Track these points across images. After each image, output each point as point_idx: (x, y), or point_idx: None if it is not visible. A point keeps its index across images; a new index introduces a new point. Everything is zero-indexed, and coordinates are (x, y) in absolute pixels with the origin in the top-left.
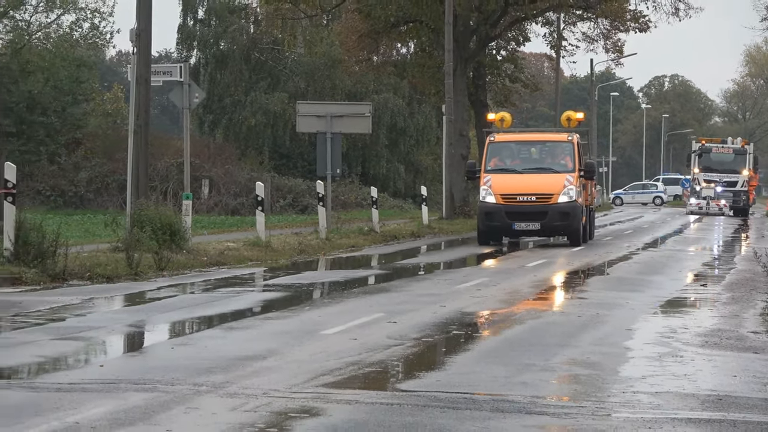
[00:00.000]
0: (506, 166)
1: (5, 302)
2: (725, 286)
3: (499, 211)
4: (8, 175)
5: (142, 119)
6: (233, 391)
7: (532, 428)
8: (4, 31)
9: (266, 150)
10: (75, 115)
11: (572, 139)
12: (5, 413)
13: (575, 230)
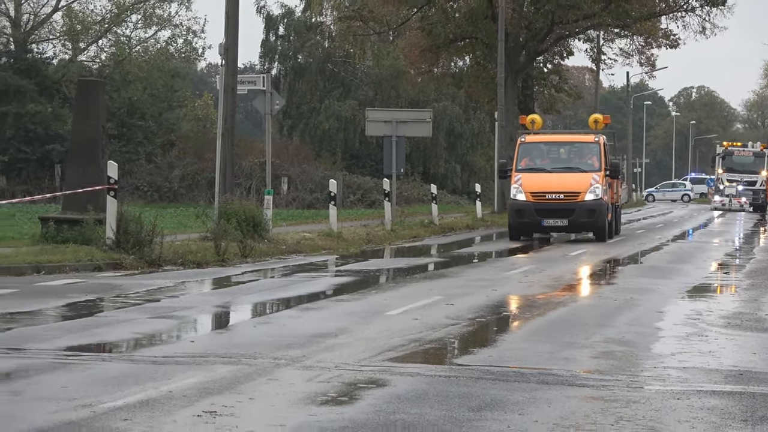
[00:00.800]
0: (536, 165)
1: (107, 285)
2: (745, 274)
3: (529, 208)
4: (111, 173)
5: (229, 123)
6: (309, 364)
7: (573, 398)
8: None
9: (338, 151)
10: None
11: (599, 140)
12: (108, 383)
13: (601, 227)
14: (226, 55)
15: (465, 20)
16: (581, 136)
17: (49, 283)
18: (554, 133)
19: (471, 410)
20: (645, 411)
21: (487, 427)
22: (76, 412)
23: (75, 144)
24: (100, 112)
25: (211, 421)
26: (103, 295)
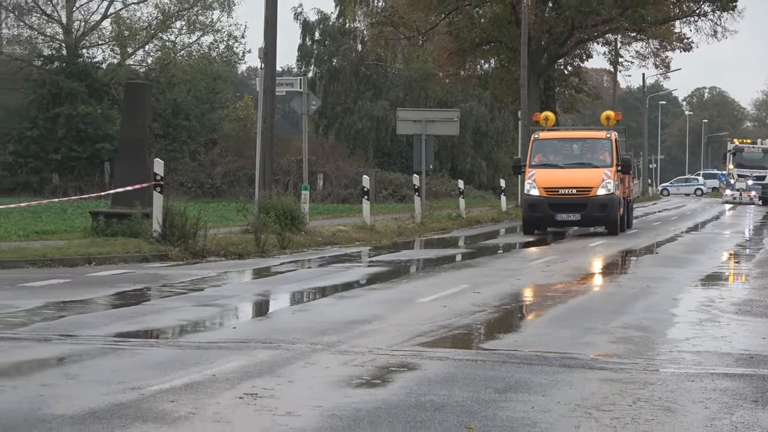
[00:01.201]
0: (549, 161)
1: (154, 275)
2: (755, 263)
3: (542, 203)
4: (157, 170)
5: (268, 123)
6: (344, 349)
7: (593, 381)
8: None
9: (371, 149)
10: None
11: (610, 136)
12: (155, 367)
13: (613, 221)
14: (265, 59)
15: (490, 25)
16: (593, 132)
17: (100, 273)
18: (567, 129)
19: (497, 392)
20: (661, 392)
21: (512, 408)
22: (126, 394)
23: (123, 143)
24: (146, 113)
25: (252, 402)
26: (150, 284)
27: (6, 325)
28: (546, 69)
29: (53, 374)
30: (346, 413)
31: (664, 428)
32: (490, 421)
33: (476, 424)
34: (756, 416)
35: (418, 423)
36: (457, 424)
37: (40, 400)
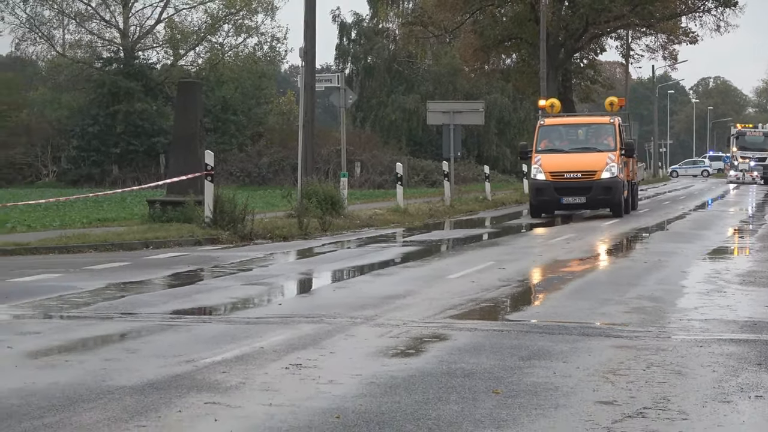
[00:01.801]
0: (555, 146)
1: (206, 257)
2: (758, 238)
3: (548, 187)
4: (208, 160)
5: (309, 116)
6: (380, 322)
7: (610, 347)
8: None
9: (404, 138)
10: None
11: (614, 121)
12: (208, 341)
13: (617, 203)
14: (306, 58)
15: (511, 23)
16: (597, 117)
17: (156, 256)
18: (572, 115)
19: (521, 359)
20: (672, 357)
21: (536, 374)
22: (181, 366)
23: (177, 137)
24: (197, 109)
25: (298, 372)
26: (202, 266)
27: (72, 305)
28: (563, 62)
29: (115, 349)
30: (383, 381)
31: (676, 390)
32: (516, 386)
33: (503, 389)
34: (760, 378)
35: (449, 389)
36: (485, 389)
37: (104, 372)
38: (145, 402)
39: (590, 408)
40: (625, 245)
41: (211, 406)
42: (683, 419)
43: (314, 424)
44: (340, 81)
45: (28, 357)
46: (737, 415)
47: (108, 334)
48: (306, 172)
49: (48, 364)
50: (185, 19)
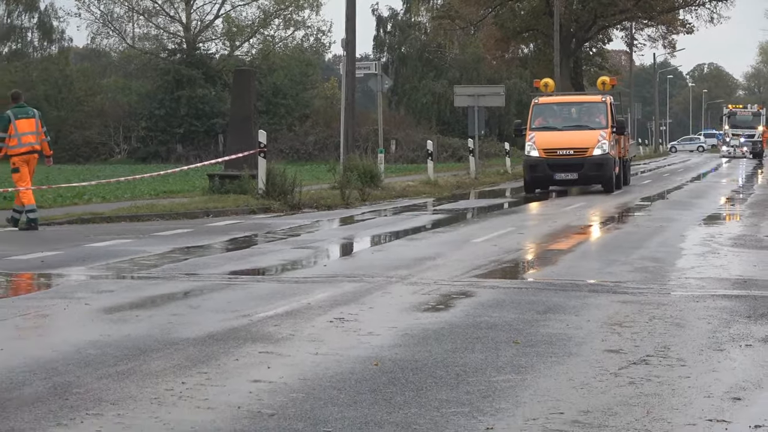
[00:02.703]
0: (548, 124)
1: (260, 224)
2: (747, 206)
3: (542, 164)
4: (261, 139)
5: (350, 100)
6: (413, 281)
7: (616, 302)
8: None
9: (433, 119)
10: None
11: (606, 100)
12: (261, 298)
13: (608, 179)
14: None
15: (528, 16)
16: (589, 96)
17: (216, 223)
18: (565, 94)
19: (538, 313)
20: (672, 311)
21: (551, 326)
22: (238, 320)
23: (233, 118)
24: (251, 94)
25: (341, 325)
26: (256, 232)
27: (141, 267)
28: (574, 51)
29: (180, 305)
30: (416, 332)
31: (675, 340)
32: (533, 337)
33: (522, 339)
34: (749, 329)
35: (474, 339)
36: (506, 340)
37: (170, 326)
38: (207, 352)
39: (599, 356)
40: (630, 212)
41: (264, 355)
42: (682, 365)
43: (356, 371)
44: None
45: (104, 312)
46: (730, 361)
47: (173, 292)
48: (347, 149)
49: (121, 318)
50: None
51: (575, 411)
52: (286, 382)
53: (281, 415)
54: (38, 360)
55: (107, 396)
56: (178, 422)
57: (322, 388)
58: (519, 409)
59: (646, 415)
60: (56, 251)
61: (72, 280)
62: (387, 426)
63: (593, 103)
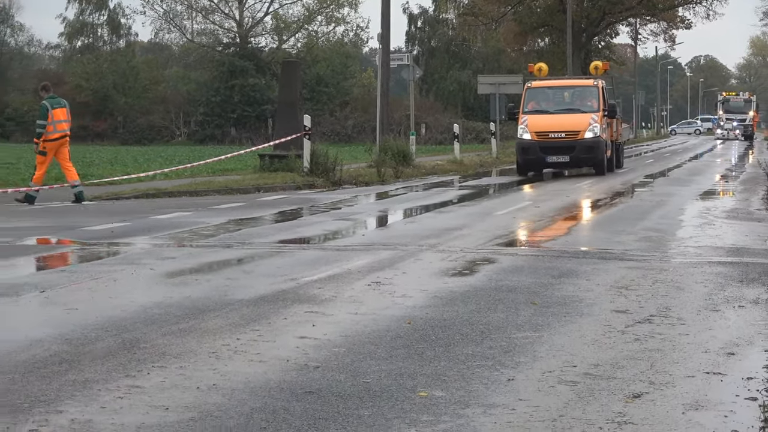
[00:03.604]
0: (541, 108)
1: (305, 199)
2: (739, 182)
3: (534, 147)
4: (306, 123)
5: (385, 88)
6: (442, 248)
7: (623, 268)
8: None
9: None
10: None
11: (597, 84)
12: (307, 263)
13: (600, 161)
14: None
15: (544, 13)
16: (581, 80)
17: (266, 198)
18: (557, 78)
19: (553, 277)
20: (672, 276)
21: (565, 289)
22: (286, 283)
23: (281, 105)
24: (297, 83)
25: (377, 288)
26: (302, 205)
27: (200, 236)
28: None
29: (234, 271)
30: (444, 294)
31: (675, 302)
32: (549, 299)
33: (539, 301)
34: (741, 291)
35: (496, 301)
36: (525, 301)
37: (226, 289)
38: (258, 311)
39: (608, 315)
40: (635, 188)
41: (309, 315)
42: (681, 324)
43: (391, 328)
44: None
45: (167, 277)
46: (724, 320)
47: (228, 258)
48: (383, 132)
49: (182, 282)
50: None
51: (587, 364)
52: (329, 338)
53: (325, 368)
54: (109, 319)
55: (170, 350)
56: (233, 374)
57: (362, 344)
58: (536, 362)
59: (650, 368)
60: (124, 222)
61: (138, 248)
62: (419, 377)
63: (585, 87)
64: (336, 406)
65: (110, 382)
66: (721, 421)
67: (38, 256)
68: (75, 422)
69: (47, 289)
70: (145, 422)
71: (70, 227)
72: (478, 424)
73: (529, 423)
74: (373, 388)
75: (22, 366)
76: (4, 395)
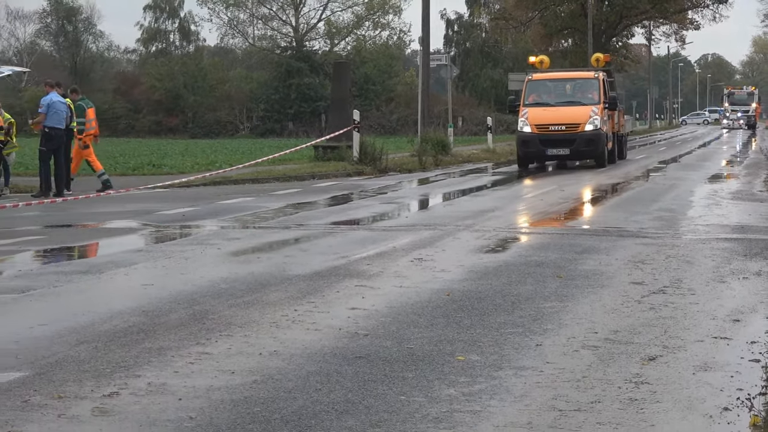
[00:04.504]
0: (541, 100)
1: (355, 185)
2: (743, 167)
3: (534, 139)
4: (355, 117)
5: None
6: (477, 228)
7: (639, 245)
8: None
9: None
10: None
11: (598, 76)
12: (356, 242)
13: (600, 154)
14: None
15: (567, 17)
16: (582, 72)
17: (320, 184)
18: (558, 71)
19: (576, 253)
20: (683, 251)
21: (587, 263)
22: (337, 260)
23: (333, 101)
24: (347, 82)
25: (419, 264)
26: (352, 191)
27: (262, 219)
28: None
29: (292, 249)
30: (479, 269)
31: (686, 274)
32: (573, 272)
33: (564, 274)
34: (745, 264)
35: (526, 274)
36: (551, 275)
37: (284, 265)
38: (313, 285)
39: (626, 287)
40: (650, 172)
41: (359, 288)
42: (691, 294)
43: (432, 299)
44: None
45: (232, 255)
46: (730, 291)
47: (287, 239)
48: (423, 125)
49: (245, 260)
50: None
51: (607, 330)
52: (377, 309)
53: (373, 335)
54: (181, 293)
55: (235, 321)
56: (292, 341)
57: (405, 314)
58: (562, 329)
59: (663, 333)
60: (194, 207)
61: (206, 229)
62: (457, 343)
63: (586, 79)
64: (383, 369)
65: (182, 349)
66: (727, 380)
67: (119, 238)
68: (151, 385)
69: (127, 266)
70: (213, 385)
71: (147, 212)
72: (510, 385)
73: (556, 383)
74: (416, 353)
75: (104, 335)
76: (89, 362)
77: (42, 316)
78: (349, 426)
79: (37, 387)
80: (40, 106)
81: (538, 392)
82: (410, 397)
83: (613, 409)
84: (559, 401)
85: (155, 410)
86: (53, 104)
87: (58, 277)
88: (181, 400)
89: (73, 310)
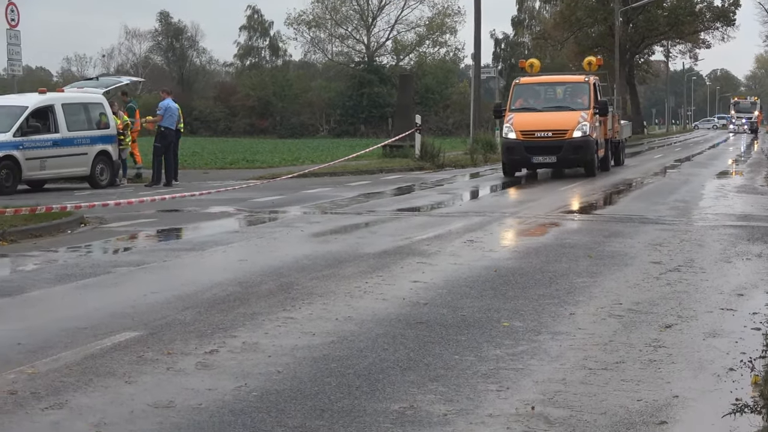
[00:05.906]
0: (529, 105)
1: (416, 178)
2: (747, 165)
3: (519, 146)
4: (417, 121)
5: (477, 94)
6: (519, 215)
7: (657, 230)
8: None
9: None
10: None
11: (589, 80)
12: (417, 226)
13: (589, 161)
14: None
15: (598, 37)
16: (572, 76)
17: (387, 177)
18: (547, 75)
19: (604, 237)
20: (695, 236)
21: (613, 245)
22: (402, 241)
23: (398, 107)
24: (411, 91)
25: (471, 245)
26: (414, 183)
27: (338, 206)
28: (629, 61)
29: (363, 232)
30: (521, 249)
31: (698, 255)
32: (601, 252)
33: (593, 255)
34: (749, 248)
35: (560, 254)
36: (583, 254)
37: (357, 245)
38: (381, 262)
39: (646, 266)
40: (666, 169)
41: (420, 264)
42: (702, 272)
43: (481, 274)
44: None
45: (313, 236)
46: (735, 269)
47: (359, 223)
48: (475, 128)
49: (324, 240)
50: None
51: (630, 302)
52: (435, 282)
53: (432, 304)
54: (270, 267)
55: (316, 291)
56: (363, 309)
57: (459, 287)
58: (592, 300)
59: (678, 305)
60: (281, 196)
61: (291, 214)
62: (503, 311)
63: (575, 83)
64: (440, 332)
65: (271, 314)
66: (732, 345)
67: (218, 221)
68: (245, 344)
69: (225, 245)
70: (297, 344)
71: (242, 199)
72: (547, 347)
73: (586, 346)
74: (468, 320)
75: (206, 302)
76: (193, 324)
77: (154, 286)
78: (411, 380)
79: (150, 345)
80: (159, 109)
81: (571, 353)
82: (463, 356)
83: (635, 369)
84: (589, 361)
85: (248, 365)
86: (169, 108)
87: (167, 253)
88: (270, 357)
89: (180, 281)
